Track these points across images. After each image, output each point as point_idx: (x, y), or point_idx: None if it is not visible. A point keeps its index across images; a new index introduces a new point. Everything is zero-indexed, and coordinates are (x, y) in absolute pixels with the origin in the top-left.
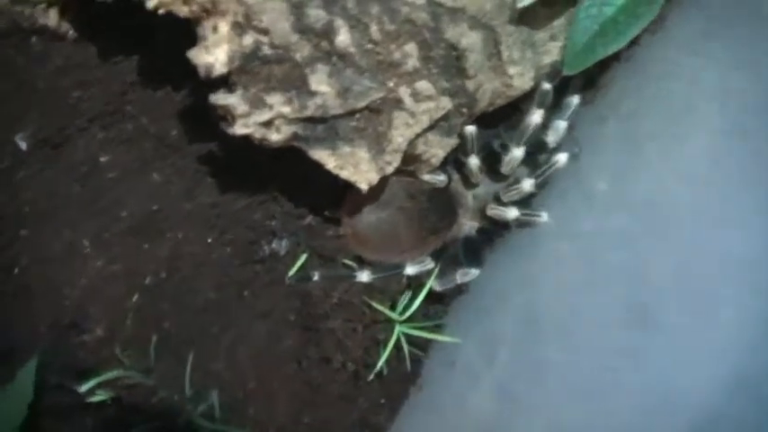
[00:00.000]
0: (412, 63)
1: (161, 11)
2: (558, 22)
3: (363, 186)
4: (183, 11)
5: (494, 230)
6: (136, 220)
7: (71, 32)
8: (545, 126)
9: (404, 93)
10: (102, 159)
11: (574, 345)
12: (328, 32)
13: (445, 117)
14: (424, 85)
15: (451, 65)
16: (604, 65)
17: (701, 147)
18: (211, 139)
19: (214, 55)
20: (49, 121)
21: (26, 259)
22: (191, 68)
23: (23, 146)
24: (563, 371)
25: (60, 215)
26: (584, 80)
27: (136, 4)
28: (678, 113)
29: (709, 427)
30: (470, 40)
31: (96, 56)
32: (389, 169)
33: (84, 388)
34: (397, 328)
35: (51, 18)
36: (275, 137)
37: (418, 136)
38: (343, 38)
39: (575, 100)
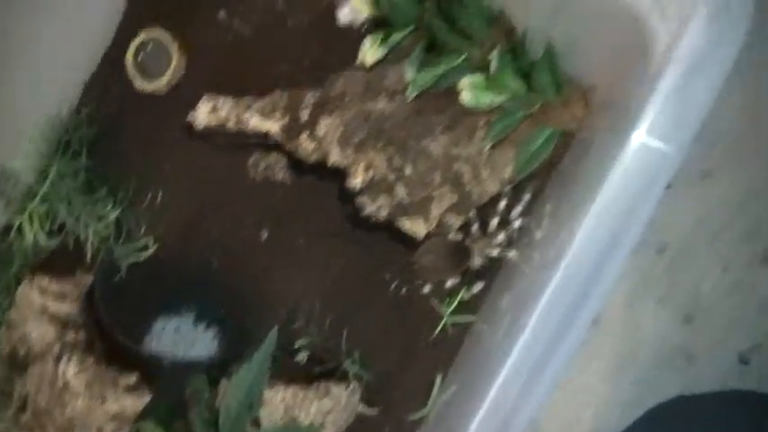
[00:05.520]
0: (440, 184)
1: (332, 164)
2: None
3: (420, 236)
4: (343, 163)
5: (490, 265)
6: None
7: (285, 177)
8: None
9: (437, 194)
10: (301, 241)
11: None
12: (401, 168)
13: (457, 204)
14: (445, 191)
15: (457, 181)
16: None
17: None
18: (349, 236)
19: (356, 181)
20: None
21: (264, 277)
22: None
23: (265, 236)
24: None
25: (288, 267)
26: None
27: (319, 162)
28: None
29: None
30: (464, 169)
31: (305, 192)
32: (431, 228)
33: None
34: (445, 318)
35: (279, 172)
36: (382, 213)
37: (445, 212)
38: (408, 171)
39: (527, 196)
